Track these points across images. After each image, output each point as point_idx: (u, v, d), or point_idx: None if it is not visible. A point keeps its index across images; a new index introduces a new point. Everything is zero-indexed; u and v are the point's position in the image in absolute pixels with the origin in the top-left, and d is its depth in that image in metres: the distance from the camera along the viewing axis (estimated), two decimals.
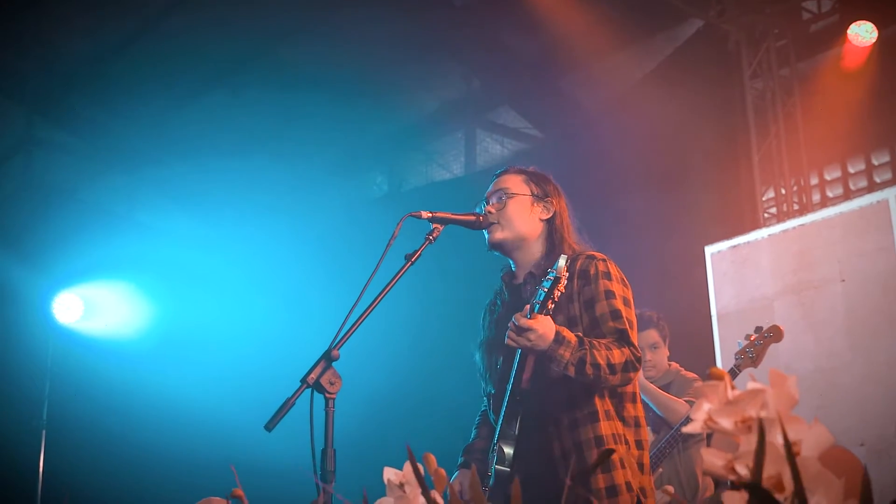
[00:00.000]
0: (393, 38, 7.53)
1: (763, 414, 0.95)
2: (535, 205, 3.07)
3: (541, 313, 2.69)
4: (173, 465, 6.93)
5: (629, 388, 2.93)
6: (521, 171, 3.15)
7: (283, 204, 8.62)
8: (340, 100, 7.92)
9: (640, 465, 2.87)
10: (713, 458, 0.98)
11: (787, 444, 0.90)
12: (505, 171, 3.17)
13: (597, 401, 2.86)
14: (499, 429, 2.88)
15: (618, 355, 2.78)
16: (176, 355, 8.16)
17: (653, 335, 4.80)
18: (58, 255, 7.65)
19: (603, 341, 2.81)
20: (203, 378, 7.88)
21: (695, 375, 4.86)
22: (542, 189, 3.10)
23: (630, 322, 2.90)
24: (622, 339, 2.85)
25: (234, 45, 7.49)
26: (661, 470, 4.43)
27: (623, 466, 2.79)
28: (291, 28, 7.48)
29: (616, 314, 2.87)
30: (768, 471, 0.94)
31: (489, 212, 3.03)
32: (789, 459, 0.90)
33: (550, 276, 2.65)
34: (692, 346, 6.27)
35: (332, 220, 8.69)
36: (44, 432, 6.99)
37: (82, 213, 7.89)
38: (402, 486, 1.25)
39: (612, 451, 2.78)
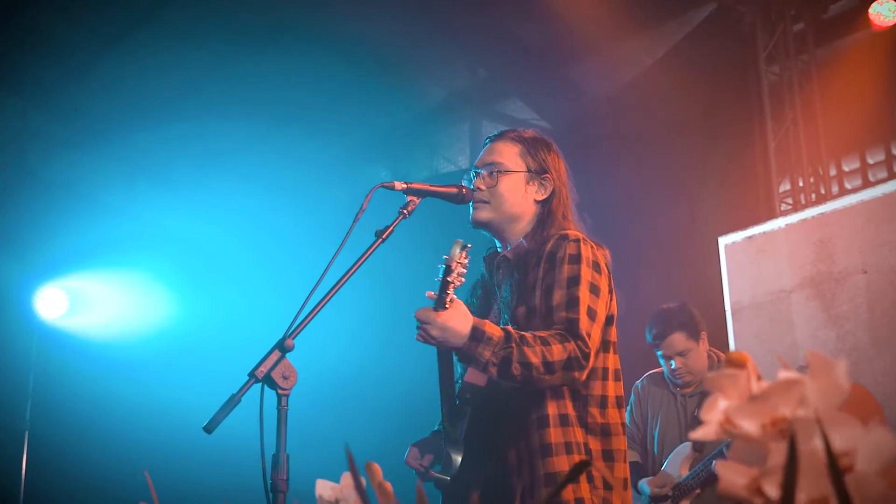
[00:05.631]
0: (396, 28, 7.37)
1: (801, 413, 0.69)
2: (530, 183, 2.74)
3: (438, 309, 2.33)
4: (162, 469, 6.73)
5: (596, 391, 2.56)
6: (518, 140, 2.80)
7: (286, 197, 8.48)
8: (343, 91, 7.78)
9: (607, 480, 2.48)
10: (732, 475, 0.71)
11: (831, 456, 0.63)
12: (500, 137, 2.84)
13: (549, 404, 2.51)
14: (444, 431, 2.58)
15: (558, 351, 2.38)
16: (167, 353, 7.93)
17: (676, 341, 4.33)
18: (40, 247, 7.48)
19: (542, 334, 2.43)
20: (196, 377, 7.69)
21: None
22: (540, 164, 2.76)
23: (591, 312, 2.50)
24: (569, 330, 2.44)
25: (235, 35, 7.36)
26: (697, 491, 4.12)
27: (577, 480, 2.41)
28: (293, 19, 7.33)
29: (572, 303, 2.48)
30: (809, 492, 0.67)
31: (478, 187, 2.73)
32: (833, 476, 0.63)
33: (442, 265, 2.30)
34: None
35: (335, 213, 8.52)
36: (27, 433, 6.81)
37: (67, 202, 7.73)
38: (337, 503, 1.00)
39: (586, 464, 2.47)
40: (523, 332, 2.42)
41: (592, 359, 2.48)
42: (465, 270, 2.32)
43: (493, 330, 2.38)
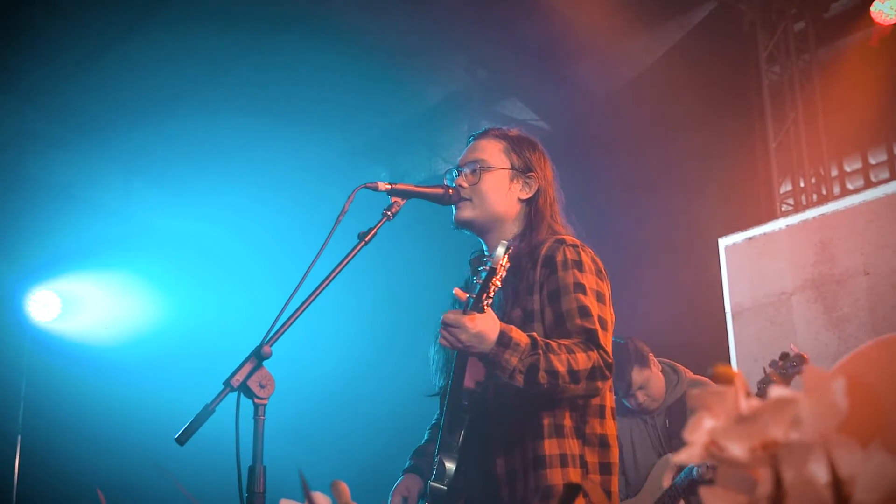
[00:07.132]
0: (395, 28, 7.32)
1: (794, 436, 0.62)
2: (515, 181, 2.67)
3: (474, 311, 2.24)
4: (156, 474, 6.68)
5: (596, 401, 2.49)
6: (502, 137, 2.72)
7: (284, 198, 8.43)
8: (342, 91, 7.72)
9: (605, 493, 2.40)
10: (717, 502, 0.65)
11: (837, 484, 0.57)
12: (483, 135, 2.76)
13: (546, 414, 2.44)
14: (440, 439, 2.47)
15: (583, 360, 2.33)
16: (161, 356, 7.85)
17: (635, 377, 4.16)
18: (32, 248, 7.40)
19: (565, 342, 2.38)
20: (191, 380, 7.63)
21: (703, 378, 4.43)
22: (525, 161, 2.69)
23: (602, 321, 2.47)
24: (590, 340, 2.40)
25: (231, 36, 7.30)
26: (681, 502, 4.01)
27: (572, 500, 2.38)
28: (290, 18, 7.28)
29: (584, 311, 2.44)
30: None
31: (460, 185, 2.64)
32: None
33: (486, 266, 2.22)
34: (705, 345, 6.04)
35: (333, 214, 8.46)
36: (19, 438, 6.75)
37: (61, 202, 7.66)
38: None
39: (577, 488, 2.38)
40: (548, 340, 2.37)
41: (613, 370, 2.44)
42: (505, 274, 2.27)
43: (519, 336, 2.32)
